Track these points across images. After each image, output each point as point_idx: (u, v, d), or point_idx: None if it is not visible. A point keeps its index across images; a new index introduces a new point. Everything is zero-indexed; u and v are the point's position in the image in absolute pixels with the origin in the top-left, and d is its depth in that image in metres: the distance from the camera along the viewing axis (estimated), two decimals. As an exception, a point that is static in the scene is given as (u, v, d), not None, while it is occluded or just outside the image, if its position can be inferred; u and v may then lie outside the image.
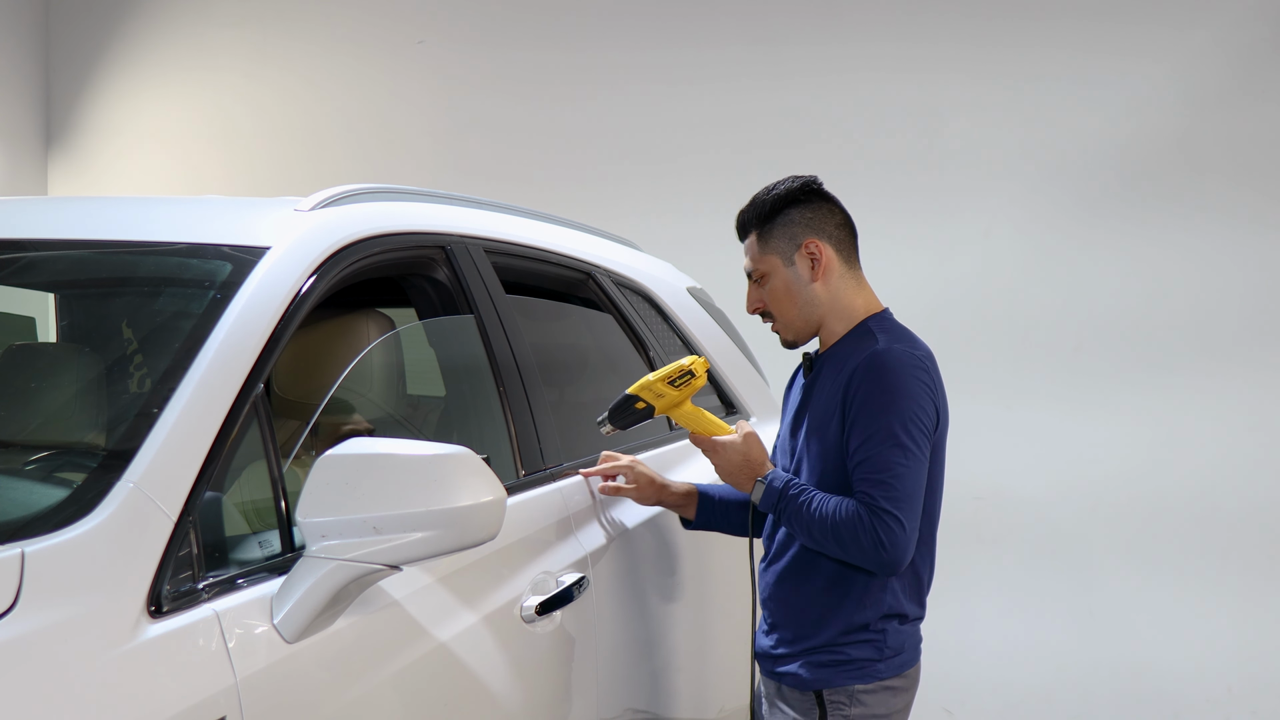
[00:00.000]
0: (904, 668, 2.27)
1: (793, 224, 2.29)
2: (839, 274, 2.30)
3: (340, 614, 1.70)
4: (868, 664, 2.23)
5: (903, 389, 2.17)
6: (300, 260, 1.93)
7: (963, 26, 4.49)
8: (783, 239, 2.30)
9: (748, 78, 4.73)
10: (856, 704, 2.23)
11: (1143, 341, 4.29)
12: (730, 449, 2.29)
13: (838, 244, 2.31)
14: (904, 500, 2.14)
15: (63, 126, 5.68)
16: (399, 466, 1.64)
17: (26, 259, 2.18)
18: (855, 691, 2.23)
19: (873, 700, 2.23)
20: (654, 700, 2.59)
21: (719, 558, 2.87)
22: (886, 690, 2.25)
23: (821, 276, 2.29)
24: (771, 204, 2.31)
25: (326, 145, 5.31)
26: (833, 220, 2.32)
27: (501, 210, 2.78)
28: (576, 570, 2.28)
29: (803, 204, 2.31)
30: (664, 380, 2.33)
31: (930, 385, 2.22)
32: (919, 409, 2.18)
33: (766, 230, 2.31)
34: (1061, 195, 4.39)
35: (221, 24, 5.46)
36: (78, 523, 1.48)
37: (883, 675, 2.23)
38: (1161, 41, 4.29)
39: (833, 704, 2.23)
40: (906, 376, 2.18)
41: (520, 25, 5.06)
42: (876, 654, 2.23)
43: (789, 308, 2.31)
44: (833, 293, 2.30)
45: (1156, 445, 4.27)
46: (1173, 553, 4.26)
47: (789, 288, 2.30)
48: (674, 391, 2.33)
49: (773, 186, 2.33)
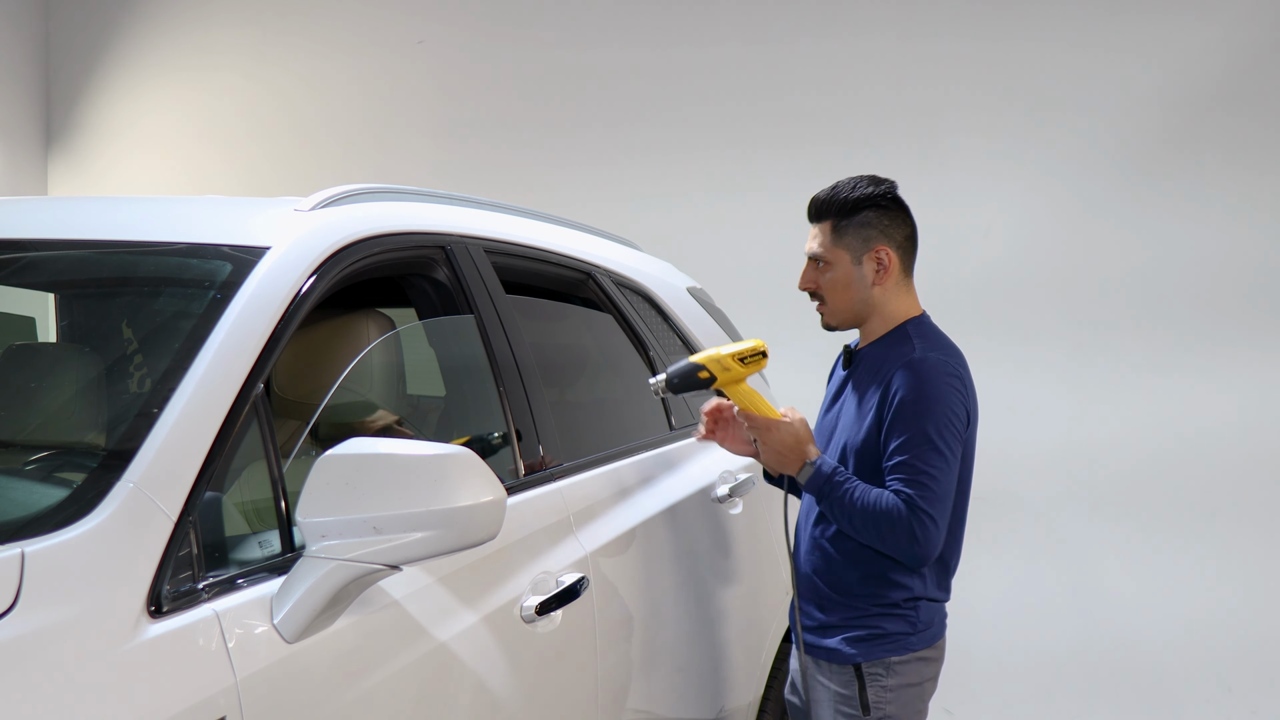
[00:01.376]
0: (934, 639, 2.43)
1: (869, 226, 2.42)
2: (895, 280, 2.44)
3: (340, 614, 1.70)
4: (901, 637, 2.39)
5: (938, 396, 2.32)
6: (300, 260, 1.93)
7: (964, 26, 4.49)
8: (856, 238, 2.42)
9: (748, 76, 4.73)
10: (893, 674, 2.39)
11: (1143, 340, 4.30)
12: (784, 429, 2.38)
13: (903, 253, 2.45)
14: (938, 501, 2.30)
15: (63, 126, 5.68)
16: (399, 466, 1.64)
17: (26, 259, 2.18)
18: (891, 663, 2.39)
19: (907, 670, 2.40)
20: (654, 700, 2.59)
21: (719, 557, 2.87)
22: (920, 660, 2.41)
23: (881, 282, 2.42)
24: (855, 202, 2.42)
25: (326, 145, 5.31)
26: (904, 230, 2.45)
27: (501, 210, 2.78)
28: (576, 570, 2.28)
29: (882, 209, 2.43)
30: (735, 356, 2.39)
31: (962, 390, 2.37)
32: (953, 414, 2.33)
33: (843, 224, 2.42)
34: (1061, 191, 4.39)
35: (221, 24, 5.46)
36: (78, 523, 1.48)
37: (915, 647, 2.40)
38: (1161, 38, 4.29)
39: (871, 675, 2.39)
40: (941, 384, 2.33)
41: (520, 25, 5.06)
42: (910, 628, 2.39)
43: (844, 300, 2.45)
44: (886, 296, 2.44)
45: (1157, 447, 4.27)
46: (1172, 552, 4.26)
47: (850, 283, 2.43)
48: (740, 368, 2.40)
49: (856, 183, 2.43)
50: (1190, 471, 4.25)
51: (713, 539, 2.88)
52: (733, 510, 2.97)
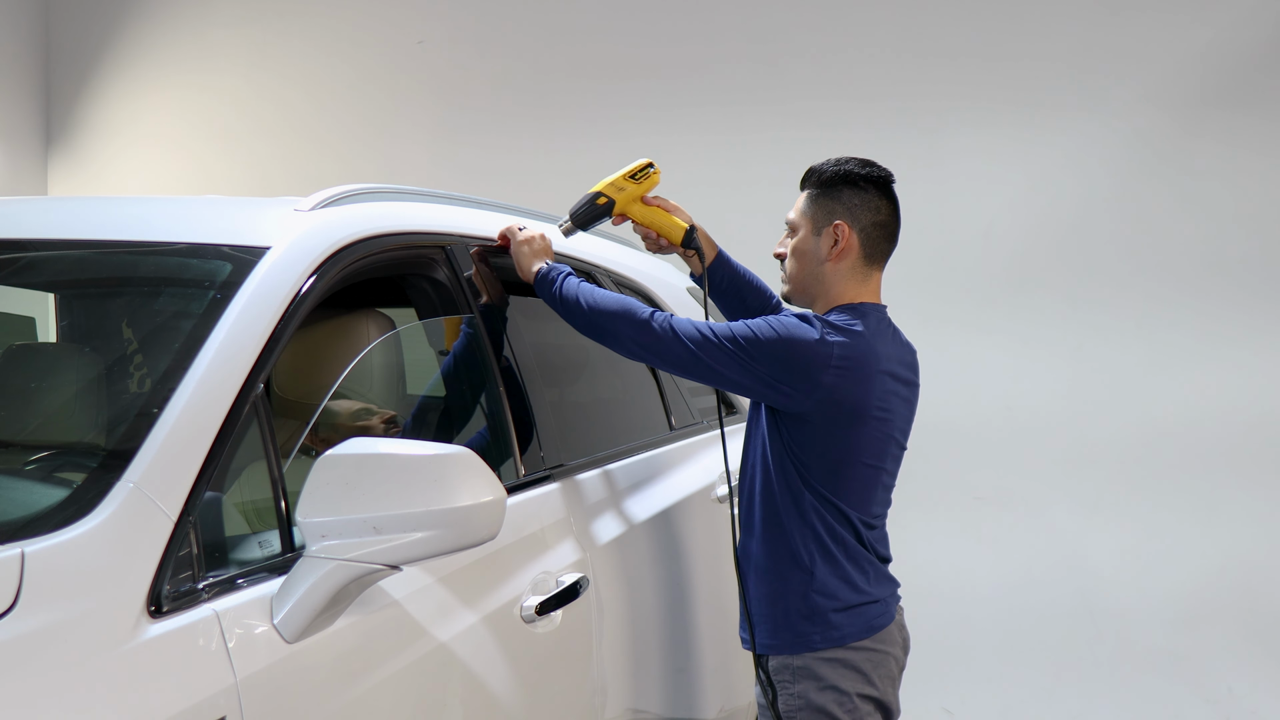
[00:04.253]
0: (844, 639, 2.31)
1: (837, 201, 2.39)
2: (851, 264, 2.38)
3: (340, 614, 1.70)
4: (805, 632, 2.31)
5: (785, 325, 2.26)
6: (300, 260, 1.93)
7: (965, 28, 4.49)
8: (822, 210, 2.40)
9: (748, 77, 4.73)
10: (799, 679, 2.31)
11: (1143, 340, 4.30)
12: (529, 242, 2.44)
13: (866, 238, 2.38)
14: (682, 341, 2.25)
15: (63, 126, 5.68)
16: (399, 466, 1.64)
17: (26, 259, 2.18)
18: (795, 666, 2.31)
19: (816, 671, 2.30)
20: (654, 700, 2.59)
21: (719, 557, 2.87)
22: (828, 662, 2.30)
23: (835, 259, 2.37)
24: (832, 176, 2.40)
25: (326, 145, 5.31)
26: (874, 216, 2.39)
27: (502, 210, 2.78)
28: (576, 570, 2.28)
29: (859, 189, 2.39)
30: (625, 175, 2.52)
31: (822, 356, 2.24)
32: (779, 337, 2.24)
33: (817, 194, 2.41)
34: (1060, 192, 4.39)
35: (221, 24, 5.46)
36: (78, 523, 1.48)
37: (817, 645, 2.30)
38: (1160, 40, 4.30)
39: (779, 682, 2.32)
40: (798, 325, 2.27)
41: (520, 26, 5.06)
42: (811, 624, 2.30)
43: (798, 269, 2.42)
44: (838, 277, 2.38)
45: (1157, 448, 4.27)
46: (1173, 551, 4.26)
47: (805, 253, 2.41)
48: (634, 185, 2.51)
49: (848, 160, 2.42)
50: (1193, 471, 4.25)
51: (713, 539, 2.88)
52: (733, 510, 2.97)
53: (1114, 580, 4.32)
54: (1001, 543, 4.41)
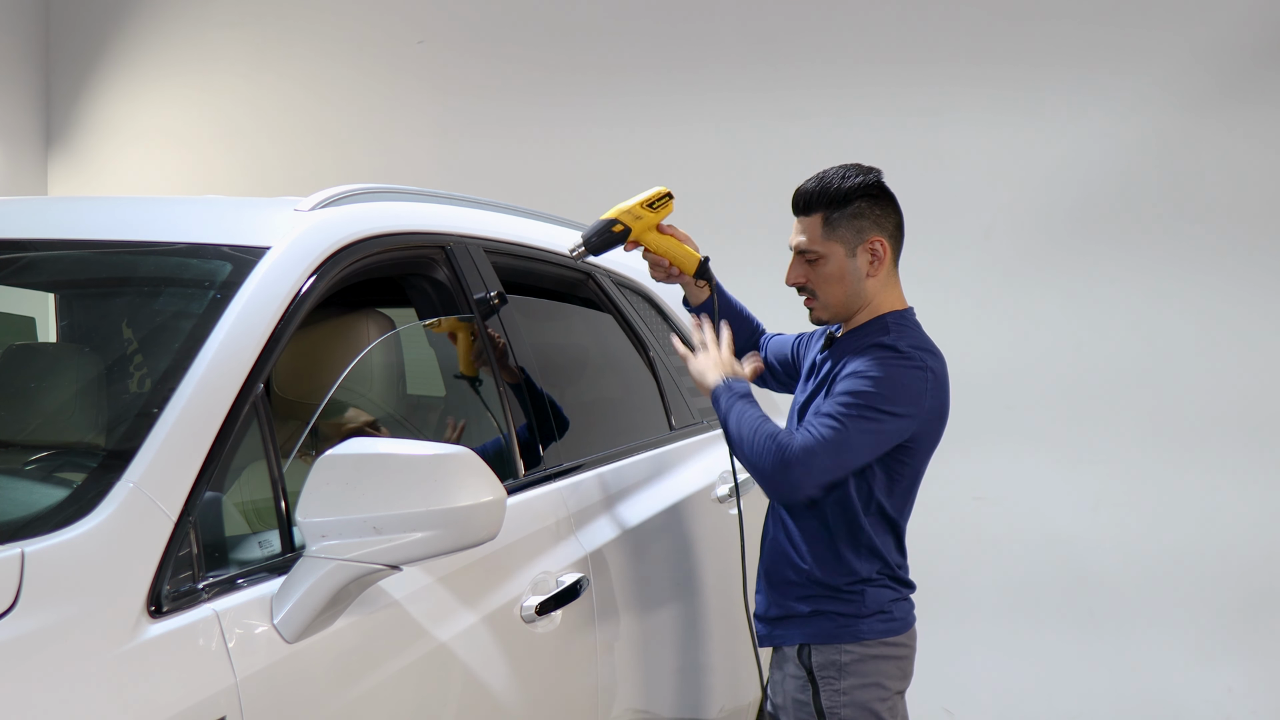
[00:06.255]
0: (888, 633, 2.35)
1: (862, 217, 2.35)
2: (886, 272, 2.39)
3: (340, 614, 1.70)
4: (850, 621, 2.33)
5: (891, 376, 2.25)
6: (300, 260, 1.93)
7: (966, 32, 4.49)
8: (850, 229, 2.35)
9: (748, 76, 4.73)
10: (845, 675, 2.32)
11: (1143, 338, 4.30)
12: (702, 357, 2.42)
13: (894, 243, 2.40)
14: (827, 451, 2.20)
15: (63, 126, 5.68)
16: (399, 466, 1.64)
17: (26, 259, 2.18)
18: (843, 663, 2.32)
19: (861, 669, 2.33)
20: (654, 700, 2.59)
21: (719, 557, 2.87)
22: (874, 658, 2.34)
23: (876, 273, 2.37)
24: (847, 192, 2.35)
25: (326, 145, 5.31)
26: (894, 219, 2.40)
27: (501, 210, 2.78)
28: (576, 570, 2.28)
29: (874, 198, 2.37)
30: (642, 204, 2.48)
31: (927, 380, 2.28)
32: (900, 391, 2.24)
33: (835, 216, 2.35)
34: (1061, 200, 4.39)
35: (221, 24, 5.46)
36: (78, 523, 1.48)
37: (865, 635, 2.32)
38: (1160, 47, 4.29)
39: (823, 679, 2.33)
40: (901, 368, 2.27)
41: (520, 26, 5.05)
42: (857, 611, 2.33)
43: (837, 293, 2.38)
44: (877, 288, 2.38)
45: (1157, 450, 4.27)
46: (1172, 552, 4.26)
47: (844, 276, 2.37)
48: (650, 214, 2.48)
49: (845, 172, 2.37)
50: (1195, 471, 4.25)
51: (713, 539, 2.88)
52: (732, 510, 2.97)
53: (1115, 580, 4.32)
54: (1002, 543, 4.41)
